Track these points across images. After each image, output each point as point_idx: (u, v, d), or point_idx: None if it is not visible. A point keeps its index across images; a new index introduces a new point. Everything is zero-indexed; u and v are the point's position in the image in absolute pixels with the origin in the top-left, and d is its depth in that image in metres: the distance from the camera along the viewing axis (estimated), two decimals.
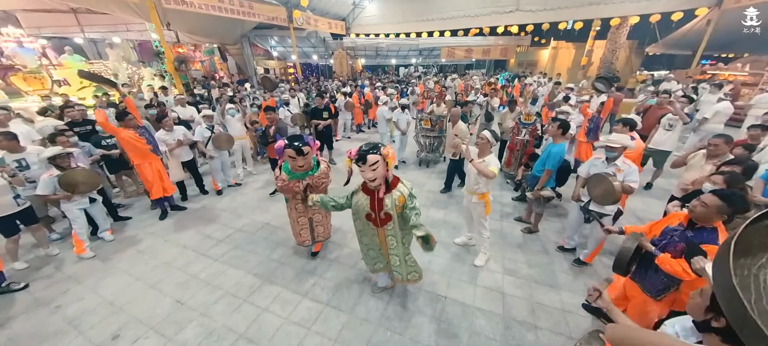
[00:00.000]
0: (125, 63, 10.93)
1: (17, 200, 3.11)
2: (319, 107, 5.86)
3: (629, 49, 15.21)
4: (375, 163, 2.00)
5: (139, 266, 3.31)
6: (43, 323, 2.59)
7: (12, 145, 3.39)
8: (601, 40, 14.59)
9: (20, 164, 3.43)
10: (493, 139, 2.85)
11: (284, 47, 19.88)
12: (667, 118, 4.60)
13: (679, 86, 8.57)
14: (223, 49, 15.18)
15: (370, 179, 2.06)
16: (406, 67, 24.30)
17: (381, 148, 2.04)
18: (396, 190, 2.16)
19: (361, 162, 2.01)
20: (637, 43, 15.34)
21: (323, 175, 2.83)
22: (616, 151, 2.73)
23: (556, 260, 3.25)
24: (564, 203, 4.40)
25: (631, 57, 15.55)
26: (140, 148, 3.92)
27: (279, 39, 19.01)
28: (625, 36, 13.88)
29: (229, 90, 9.14)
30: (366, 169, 2.02)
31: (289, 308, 2.67)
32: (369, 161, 1.99)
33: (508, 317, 2.54)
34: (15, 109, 5.62)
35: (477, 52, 18.44)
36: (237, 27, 14.15)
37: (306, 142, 2.63)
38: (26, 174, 3.42)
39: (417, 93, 9.53)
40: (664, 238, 1.89)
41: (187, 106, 6.38)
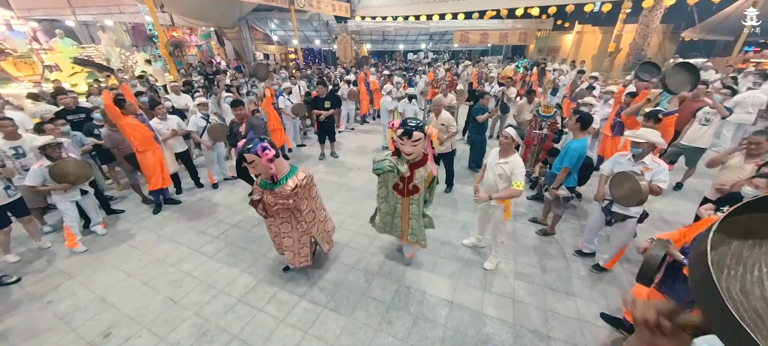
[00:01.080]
0: (118, 47, 11.07)
1: (8, 191, 3.21)
2: (321, 96, 5.84)
3: (663, 33, 14.69)
4: (418, 139, 2.32)
5: (131, 261, 3.40)
6: (34, 318, 2.69)
7: (11, 132, 3.52)
8: (631, 24, 14.10)
9: (17, 152, 3.56)
10: (518, 138, 2.69)
11: (285, 31, 19.86)
12: (703, 111, 4.45)
13: (717, 76, 8.25)
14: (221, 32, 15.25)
15: (408, 153, 2.38)
16: (415, 53, 24.02)
17: (425, 126, 2.38)
18: (427, 164, 2.52)
19: (406, 136, 2.30)
20: (672, 27, 14.80)
21: (284, 195, 2.40)
22: (641, 147, 2.65)
23: (572, 264, 3.21)
24: (584, 204, 4.32)
25: (664, 43, 15.02)
26: (145, 135, 3.99)
27: (279, 22, 18.99)
28: (659, 19, 13.38)
29: (227, 77, 9.20)
30: (407, 144, 2.33)
31: (285, 309, 2.71)
32: (414, 137, 2.30)
33: (519, 326, 2.52)
34: (4, 95, 5.77)
35: (493, 37, 18.08)
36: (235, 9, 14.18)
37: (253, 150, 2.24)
38: (22, 162, 3.56)
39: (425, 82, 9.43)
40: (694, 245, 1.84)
41: (182, 94, 6.44)
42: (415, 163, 2.50)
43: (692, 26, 13.81)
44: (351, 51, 17.58)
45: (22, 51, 8.48)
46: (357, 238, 3.67)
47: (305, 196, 2.63)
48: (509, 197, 2.68)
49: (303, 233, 2.72)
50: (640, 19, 13.57)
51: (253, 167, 2.31)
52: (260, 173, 2.39)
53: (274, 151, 2.31)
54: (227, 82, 8.25)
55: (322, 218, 2.93)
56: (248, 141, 2.33)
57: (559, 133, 4.61)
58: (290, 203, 2.44)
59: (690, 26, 13.96)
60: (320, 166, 5.93)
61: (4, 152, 3.49)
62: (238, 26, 15.64)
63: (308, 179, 2.60)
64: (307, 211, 2.68)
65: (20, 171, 3.52)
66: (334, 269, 3.18)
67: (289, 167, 2.55)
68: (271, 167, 2.32)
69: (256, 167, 2.31)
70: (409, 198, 2.66)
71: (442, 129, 4.28)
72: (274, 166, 2.33)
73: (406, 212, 2.76)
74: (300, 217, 2.64)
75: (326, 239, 3.03)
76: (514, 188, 2.60)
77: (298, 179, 2.48)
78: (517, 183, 2.59)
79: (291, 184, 2.43)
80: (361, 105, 8.65)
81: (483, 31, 17.87)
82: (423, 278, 3.03)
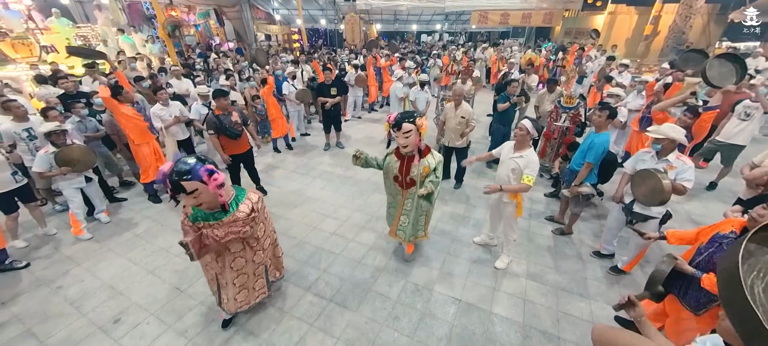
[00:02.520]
0: (114, 27, 11.37)
1: (15, 176, 3.48)
2: (327, 83, 5.96)
3: (707, 15, 14.16)
4: (408, 131, 2.54)
5: (136, 250, 3.65)
6: (46, 303, 2.97)
7: (21, 113, 3.85)
8: (671, 4, 13.64)
9: (30, 133, 3.90)
10: (534, 131, 2.80)
11: (288, 10, 19.91)
12: (743, 105, 4.41)
13: (760, 61, 7.98)
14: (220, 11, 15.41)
15: (403, 145, 2.61)
16: (430, 35, 23.79)
17: (416, 117, 2.56)
18: (425, 159, 2.72)
19: (396, 128, 2.55)
20: (719, 7, 14.25)
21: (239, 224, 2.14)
22: (662, 144, 2.69)
23: (589, 266, 3.31)
24: (604, 203, 4.38)
25: (709, 25, 14.50)
26: (139, 125, 4.22)
27: (282, 0, 19.04)
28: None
29: (228, 61, 9.39)
30: (399, 136, 2.56)
31: (291, 301, 2.91)
32: (403, 129, 2.53)
33: (529, 326, 2.66)
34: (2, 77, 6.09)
35: (515, 18, 17.70)
36: None
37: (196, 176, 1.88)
38: (36, 143, 3.90)
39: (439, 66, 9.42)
40: (712, 246, 1.92)
41: (182, 78, 6.66)
42: (411, 156, 2.72)
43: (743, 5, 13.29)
44: (359, 32, 17.52)
45: (18, 31, 8.84)
46: (363, 233, 3.84)
47: (262, 219, 2.41)
48: (519, 191, 2.82)
49: (259, 264, 2.50)
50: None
51: (196, 198, 1.95)
52: (203, 203, 2.02)
53: (223, 174, 2.03)
54: (228, 65, 8.44)
55: (274, 241, 2.79)
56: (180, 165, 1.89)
57: (581, 126, 4.63)
58: (247, 232, 2.18)
59: (740, 6, 13.42)
60: (325, 157, 6.10)
61: (18, 134, 3.80)
62: (238, 4, 15.78)
63: (261, 199, 2.41)
64: (265, 237, 2.50)
65: (33, 152, 3.86)
66: (340, 264, 3.36)
67: (233, 190, 2.27)
68: (221, 194, 2.02)
69: (200, 197, 1.95)
70: (407, 191, 2.88)
71: (461, 122, 4.31)
72: (224, 192, 2.04)
73: (401, 205, 2.98)
74: (257, 246, 2.41)
75: (277, 264, 2.90)
76: (524, 182, 2.71)
77: (253, 202, 2.27)
78: (528, 178, 2.70)
79: (245, 209, 2.19)
80: (370, 91, 8.73)
81: (504, 10, 17.51)
82: (431, 275, 3.19)
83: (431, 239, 3.67)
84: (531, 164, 2.73)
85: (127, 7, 14.67)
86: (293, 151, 6.43)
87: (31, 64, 7.87)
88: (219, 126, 3.93)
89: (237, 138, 4.09)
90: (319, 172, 5.51)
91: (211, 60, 10.02)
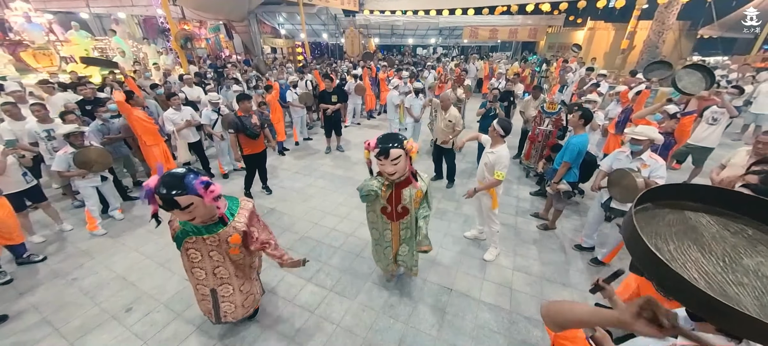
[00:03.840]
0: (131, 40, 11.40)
1: (25, 177, 3.49)
2: (328, 91, 6.00)
3: (679, 30, 14.40)
4: (397, 157, 1.98)
5: (148, 244, 3.63)
6: (62, 293, 2.94)
7: (43, 115, 3.89)
8: (645, 21, 13.86)
9: (49, 134, 3.92)
10: (501, 129, 2.91)
11: (293, 25, 20.06)
12: (710, 110, 4.48)
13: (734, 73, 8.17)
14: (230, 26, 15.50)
15: (390, 173, 2.05)
16: (425, 48, 23.98)
17: (404, 141, 2.01)
18: (416, 182, 2.24)
19: (383, 156, 1.97)
20: (689, 24, 14.50)
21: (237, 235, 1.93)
22: (642, 145, 2.74)
23: (571, 258, 3.32)
24: (585, 200, 4.41)
25: (680, 40, 14.73)
26: (150, 128, 4.23)
27: (287, 16, 19.18)
28: (675, 15, 13.13)
29: (236, 71, 9.43)
30: (386, 164, 2.00)
31: (293, 291, 2.90)
32: (391, 156, 1.97)
33: (515, 313, 2.66)
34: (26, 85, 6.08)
35: (502, 33, 17.95)
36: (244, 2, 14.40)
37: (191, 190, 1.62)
38: (54, 144, 3.92)
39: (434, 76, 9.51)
40: None
41: (194, 86, 6.68)
42: (401, 182, 2.20)
43: (710, 23, 13.53)
44: (359, 45, 17.65)
45: (40, 43, 8.85)
46: (361, 229, 3.84)
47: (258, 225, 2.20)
48: (491, 186, 2.94)
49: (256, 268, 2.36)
50: (655, 16, 13.33)
51: (190, 212, 1.67)
52: (197, 217, 1.75)
53: (219, 185, 1.77)
54: (237, 76, 8.48)
55: None
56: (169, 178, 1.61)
57: (563, 129, 4.68)
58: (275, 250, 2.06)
59: (708, 23, 13.67)
60: (326, 160, 6.11)
61: (39, 133, 3.81)
62: (247, 20, 15.88)
63: (253, 204, 2.18)
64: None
65: (51, 152, 3.88)
66: (340, 257, 3.36)
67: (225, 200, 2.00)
68: (219, 206, 1.79)
69: (195, 211, 1.69)
70: (399, 222, 2.38)
71: (448, 126, 4.39)
72: (221, 203, 1.82)
73: (397, 237, 2.48)
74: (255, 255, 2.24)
75: None
76: (495, 177, 2.85)
77: (248, 209, 2.07)
78: (498, 173, 2.83)
79: (242, 219, 1.98)
80: (367, 100, 8.79)
81: (493, 27, 17.75)
82: (424, 266, 3.18)
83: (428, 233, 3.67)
84: (501, 159, 2.85)
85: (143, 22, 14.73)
86: (296, 153, 6.43)
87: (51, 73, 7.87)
88: (240, 126, 4.01)
89: (255, 138, 4.16)
90: (320, 173, 5.51)
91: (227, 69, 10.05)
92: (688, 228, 0.84)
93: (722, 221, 0.86)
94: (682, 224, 0.85)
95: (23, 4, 9.94)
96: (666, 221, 0.87)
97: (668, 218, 0.88)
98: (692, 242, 0.79)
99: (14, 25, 9.34)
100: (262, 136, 4.29)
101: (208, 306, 2.22)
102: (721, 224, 0.85)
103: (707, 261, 0.73)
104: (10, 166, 3.27)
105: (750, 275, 0.69)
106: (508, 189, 4.79)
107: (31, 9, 10.08)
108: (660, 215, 0.89)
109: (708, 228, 0.84)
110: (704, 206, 0.90)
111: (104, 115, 4.32)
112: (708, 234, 0.82)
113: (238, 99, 4.17)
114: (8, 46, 8.46)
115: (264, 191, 4.74)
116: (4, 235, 3.02)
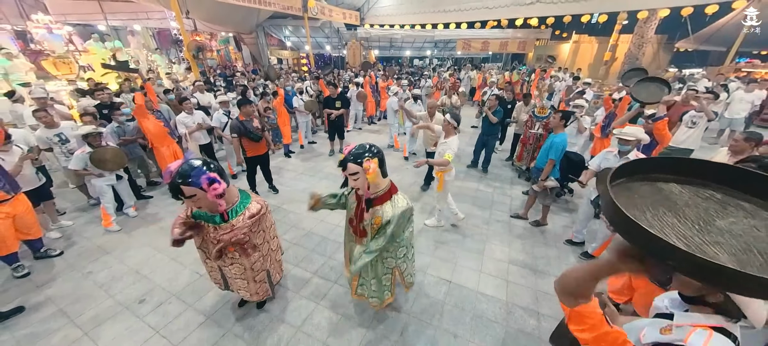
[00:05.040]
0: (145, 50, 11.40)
1: (37, 175, 3.45)
2: (332, 97, 6.00)
3: (657, 44, 14.59)
4: (354, 173, 1.78)
5: (160, 240, 3.57)
6: (77, 286, 2.88)
7: (49, 122, 3.82)
8: (626, 35, 14.04)
9: (60, 138, 3.86)
10: (453, 121, 3.18)
11: (298, 37, 20.14)
12: (689, 115, 4.50)
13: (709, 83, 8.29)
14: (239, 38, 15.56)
15: (353, 186, 1.88)
16: (421, 60, 24.12)
17: (366, 158, 1.74)
18: (382, 207, 1.86)
19: (341, 167, 1.82)
20: (667, 37, 14.69)
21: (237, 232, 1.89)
22: (630, 144, 2.74)
23: (563, 253, 3.30)
24: (574, 199, 4.40)
25: (658, 53, 14.91)
26: (160, 131, 4.23)
27: (293, 29, 19.26)
28: (654, 30, 13.32)
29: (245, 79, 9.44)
30: (347, 175, 1.83)
31: (300, 283, 2.85)
32: (348, 169, 1.78)
33: (511, 303, 2.63)
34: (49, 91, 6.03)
35: (494, 46, 18.10)
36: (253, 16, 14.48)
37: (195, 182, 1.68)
38: (68, 146, 3.87)
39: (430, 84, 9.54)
40: None
41: (205, 92, 6.66)
42: (373, 199, 1.87)
43: (686, 37, 13.71)
44: (360, 56, 17.76)
45: (60, 52, 8.82)
46: None
47: (263, 228, 2.15)
48: (441, 164, 3.14)
49: (259, 271, 2.23)
50: (635, 30, 13.52)
51: (194, 202, 1.78)
52: (202, 207, 1.83)
53: (225, 184, 1.79)
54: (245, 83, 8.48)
55: (275, 247, 2.40)
56: (184, 167, 1.71)
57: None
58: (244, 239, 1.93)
59: (684, 37, 13.85)
60: (330, 162, 6.07)
61: (50, 139, 3.75)
62: (255, 32, 15.94)
63: (264, 208, 2.08)
64: (263, 243, 2.20)
65: (66, 154, 3.82)
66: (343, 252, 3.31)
67: (239, 195, 2.01)
68: (221, 204, 1.82)
69: (199, 202, 1.78)
70: (361, 240, 2.05)
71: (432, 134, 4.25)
72: (223, 201, 1.83)
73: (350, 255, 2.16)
74: (253, 252, 2.13)
75: (278, 268, 2.50)
76: (445, 157, 3.10)
77: (253, 211, 1.99)
78: (447, 155, 3.10)
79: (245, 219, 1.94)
80: (368, 106, 8.80)
81: (484, 39, 17.90)
82: (424, 260, 3.15)
83: (426, 229, 3.65)
84: (451, 145, 3.13)
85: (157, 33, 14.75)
86: (301, 156, 6.40)
87: (69, 80, 7.84)
88: (242, 130, 3.97)
89: (257, 141, 4.13)
90: (324, 173, 5.48)
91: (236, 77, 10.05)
92: (662, 197, 0.85)
93: (693, 189, 0.87)
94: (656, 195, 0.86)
95: (45, 17, 9.95)
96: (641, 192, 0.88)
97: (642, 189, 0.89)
98: (667, 210, 0.80)
99: (36, 36, 9.33)
100: (264, 139, 4.27)
101: (217, 276, 2.30)
102: (692, 192, 0.86)
103: (683, 225, 0.74)
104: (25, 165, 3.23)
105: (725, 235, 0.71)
106: (502, 189, 4.77)
107: (52, 21, 10.09)
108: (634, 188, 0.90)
109: (680, 196, 0.85)
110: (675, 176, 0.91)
111: (120, 118, 4.28)
112: (681, 202, 0.83)
113: (239, 104, 4.09)
114: (30, 55, 8.43)
115: (271, 191, 4.70)
116: (23, 230, 2.96)
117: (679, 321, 1.09)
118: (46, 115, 3.80)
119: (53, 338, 2.35)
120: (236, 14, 13.42)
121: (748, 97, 6.63)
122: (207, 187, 1.71)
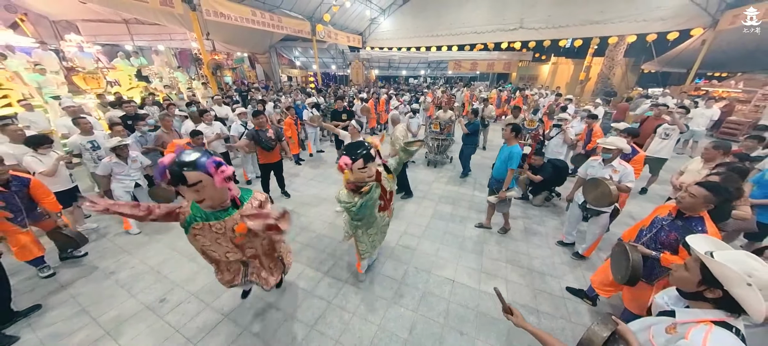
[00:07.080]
0: (168, 67, 11.34)
1: (71, 177, 3.34)
2: (339, 110, 5.95)
3: (626, 66, 14.86)
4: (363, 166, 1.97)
5: (179, 241, 3.43)
6: (101, 286, 2.73)
7: (87, 128, 3.72)
8: (599, 57, 14.30)
9: (93, 145, 3.74)
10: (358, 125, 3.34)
11: (306, 58, 20.24)
12: (662, 127, 4.51)
13: (673, 100, 8.42)
14: (253, 57, 15.58)
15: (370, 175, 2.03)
16: (416, 79, 24.32)
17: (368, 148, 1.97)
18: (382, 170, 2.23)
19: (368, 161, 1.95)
20: (634, 60, 14.98)
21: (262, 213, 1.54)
22: (612, 153, 2.69)
23: (556, 253, 3.22)
24: (562, 202, 4.34)
25: (627, 73, 15.18)
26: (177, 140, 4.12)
27: (302, 50, 19.37)
28: (622, 53, 13.58)
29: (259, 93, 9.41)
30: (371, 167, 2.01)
31: (312, 283, 2.73)
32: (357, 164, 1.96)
33: (511, 301, 2.53)
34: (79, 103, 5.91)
35: (481, 66, 18.33)
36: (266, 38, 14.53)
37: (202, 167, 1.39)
38: (99, 153, 3.75)
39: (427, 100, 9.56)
40: (654, 227, 1.89)
41: (223, 106, 6.59)
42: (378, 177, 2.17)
43: (651, 60, 13.99)
44: (362, 75, 17.88)
45: (89, 69, 8.73)
46: None
47: None
48: None
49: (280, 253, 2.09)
50: (606, 53, 13.77)
51: (198, 192, 1.42)
52: (205, 199, 1.48)
53: (232, 167, 1.56)
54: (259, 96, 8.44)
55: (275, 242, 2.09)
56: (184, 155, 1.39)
57: (541, 143, 4.66)
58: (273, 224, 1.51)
59: (649, 60, 14.13)
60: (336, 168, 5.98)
61: (83, 145, 3.64)
62: (268, 52, 15.99)
63: (266, 198, 1.84)
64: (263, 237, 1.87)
65: (95, 160, 3.70)
66: (353, 253, 3.20)
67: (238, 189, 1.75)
68: (231, 187, 1.55)
69: (203, 191, 1.43)
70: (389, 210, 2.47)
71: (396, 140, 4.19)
72: (232, 185, 1.58)
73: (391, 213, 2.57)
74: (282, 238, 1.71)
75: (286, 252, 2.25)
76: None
77: (259, 200, 1.77)
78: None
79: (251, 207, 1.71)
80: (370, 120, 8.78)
81: (473, 60, 18.16)
82: (428, 261, 3.05)
83: (429, 232, 3.56)
84: None
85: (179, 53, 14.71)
86: (311, 163, 6.31)
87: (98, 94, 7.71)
88: (257, 139, 3.88)
89: (271, 150, 4.02)
90: (333, 180, 5.38)
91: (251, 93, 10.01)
92: None
93: None
94: None
95: (77, 37, 9.89)
96: None
97: None
98: None
99: (68, 54, 9.25)
100: (278, 147, 4.16)
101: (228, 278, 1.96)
102: None
103: None
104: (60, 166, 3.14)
105: None
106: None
107: (83, 41, 10.04)
108: None
109: None
110: None
111: (143, 128, 4.18)
112: None
113: (253, 115, 4.06)
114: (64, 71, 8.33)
115: (283, 196, 4.59)
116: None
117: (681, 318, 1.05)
118: (86, 122, 3.70)
119: (76, 337, 2.21)
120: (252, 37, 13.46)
121: (708, 113, 6.80)
122: (214, 170, 1.40)
